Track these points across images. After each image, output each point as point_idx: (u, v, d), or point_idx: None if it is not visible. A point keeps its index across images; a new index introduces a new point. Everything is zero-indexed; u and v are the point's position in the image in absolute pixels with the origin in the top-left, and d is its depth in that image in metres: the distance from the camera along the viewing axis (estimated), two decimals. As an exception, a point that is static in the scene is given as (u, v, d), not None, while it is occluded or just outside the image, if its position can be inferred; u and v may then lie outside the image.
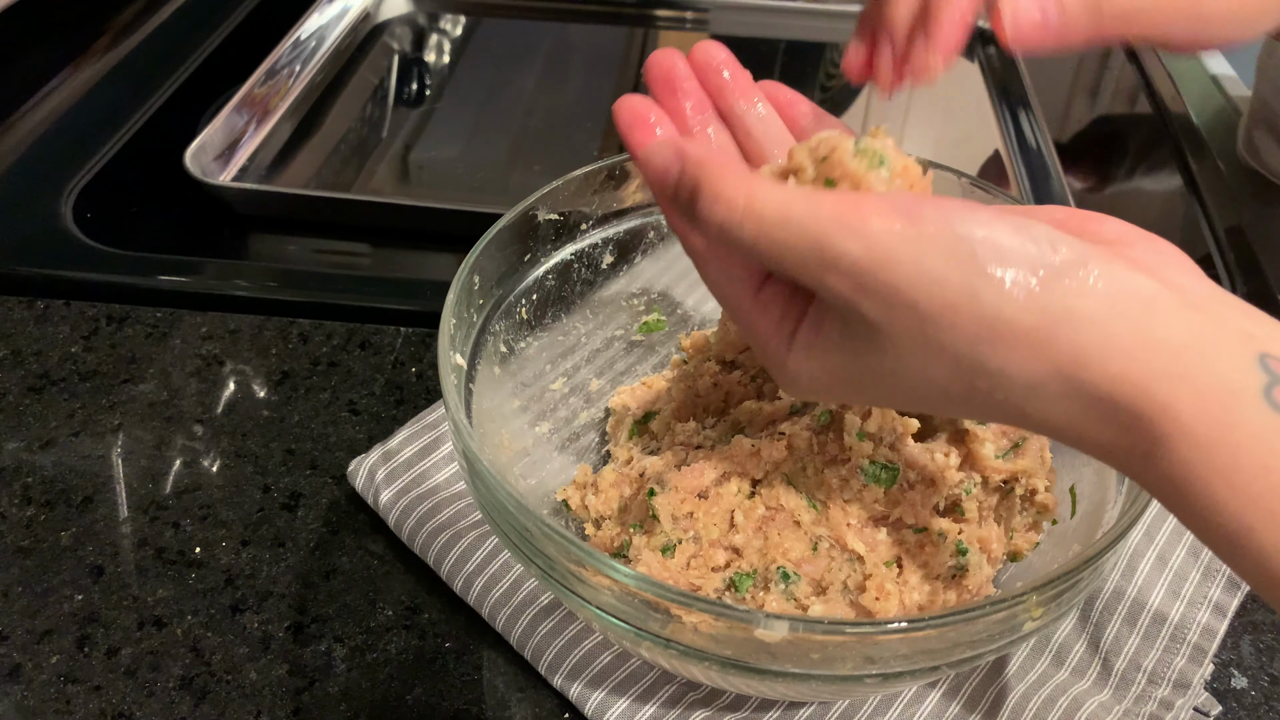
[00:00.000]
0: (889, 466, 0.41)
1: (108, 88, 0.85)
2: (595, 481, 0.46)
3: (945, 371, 0.29)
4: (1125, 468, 0.28)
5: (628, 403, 0.52)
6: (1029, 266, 0.27)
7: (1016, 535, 0.44)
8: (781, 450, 0.42)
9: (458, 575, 0.47)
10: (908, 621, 0.32)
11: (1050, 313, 0.27)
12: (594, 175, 0.49)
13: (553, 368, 0.51)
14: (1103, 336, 0.26)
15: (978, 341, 0.27)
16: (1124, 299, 0.27)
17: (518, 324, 0.49)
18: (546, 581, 0.37)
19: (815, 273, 0.28)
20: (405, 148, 0.87)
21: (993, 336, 0.27)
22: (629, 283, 0.54)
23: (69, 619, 0.47)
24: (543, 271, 0.50)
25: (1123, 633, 0.46)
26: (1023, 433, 0.43)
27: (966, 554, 0.41)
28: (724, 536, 0.42)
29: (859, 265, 0.27)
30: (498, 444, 0.46)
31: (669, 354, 0.55)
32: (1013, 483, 0.43)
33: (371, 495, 0.51)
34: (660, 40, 1.06)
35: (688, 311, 0.56)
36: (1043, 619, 0.35)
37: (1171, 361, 0.26)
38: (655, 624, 0.34)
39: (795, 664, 0.34)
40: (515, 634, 0.45)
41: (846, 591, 0.40)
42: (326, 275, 0.68)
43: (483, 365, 0.46)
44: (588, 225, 0.50)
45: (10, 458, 0.54)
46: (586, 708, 0.43)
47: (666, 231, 0.53)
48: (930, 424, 0.44)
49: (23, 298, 0.64)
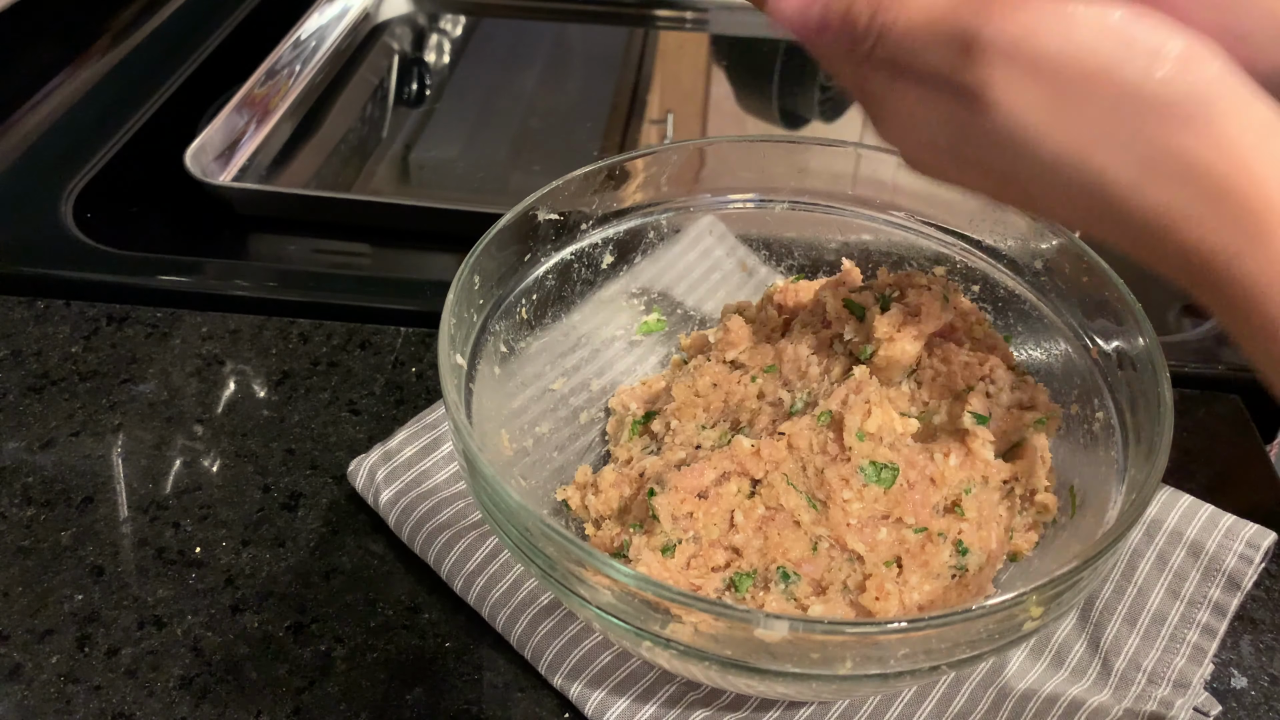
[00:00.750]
0: (889, 466, 0.41)
1: (108, 88, 0.85)
2: (595, 481, 0.46)
3: (1067, 140, 0.29)
4: (1202, 274, 0.29)
5: (628, 402, 0.52)
6: (1173, 46, 0.28)
7: (1016, 535, 0.44)
8: (782, 450, 0.42)
9: (458, 575, 0.47)
10: (907, 621, 0.32)
11: (1192, 94, 0.28)
12: (594, 175, 0.49)
13: (553, 368, 0.51)
14: (1238, 127, 0.28)
15: (1116, 109, 0.28)
16: (1257, 105, 0.28)
17: (518, 324, 0.49)
18: (546, 581, 0.37)
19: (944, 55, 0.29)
20: (405, 148, 0.87)
21: (1134, 106, 0.28)
22: (629, 282, 0.54)
23: (69, 619, 0.47)
24: (543, 271, 0.50)
25: (1123, 632, 0.46)
26: (1022, 433, 0.44)
27: (967, 554, 0.41)
28: (724, 536, 0.42)
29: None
30: (498, 444, 0.46)
31: (669, 354, 0.55)
32: (1012, 483, 0.43)
33: (371, 495, 0.51)
34: (660, 40, 1.06)
35: (688, 311, 0.56)
36: (1042, 619, 0.35)
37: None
38: (655, 624, 0.34)
39: (795, 664, 0.34)
40: (515, 634, 0.45)
41: (846, 591, 0.40)
42: (326, 275, 0.68)
43: (483, 365, 0.46)
44: (588, 225, 0.50)
45: (10, 458, 0.54)
46: (587, 708, 0.43)
47: (667, 231, 0.53)
48: (930, 425, 0.44)
49: (23, 298, 0.64)
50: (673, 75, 1.02)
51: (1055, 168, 0.30)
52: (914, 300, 0.44)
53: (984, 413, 0.43)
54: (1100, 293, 0.44)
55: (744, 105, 0.99)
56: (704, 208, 0.53)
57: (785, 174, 0.52)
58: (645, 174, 0.51)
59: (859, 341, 0.45)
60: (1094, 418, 0.44)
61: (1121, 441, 0.42)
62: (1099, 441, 0.43)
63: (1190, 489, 0.50)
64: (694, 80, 1.02)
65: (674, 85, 1.01)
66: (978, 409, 0.43)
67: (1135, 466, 0.39)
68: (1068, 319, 0.46)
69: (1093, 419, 0.44)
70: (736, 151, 0.52)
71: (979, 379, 0.44)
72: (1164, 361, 0.39)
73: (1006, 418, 0.44)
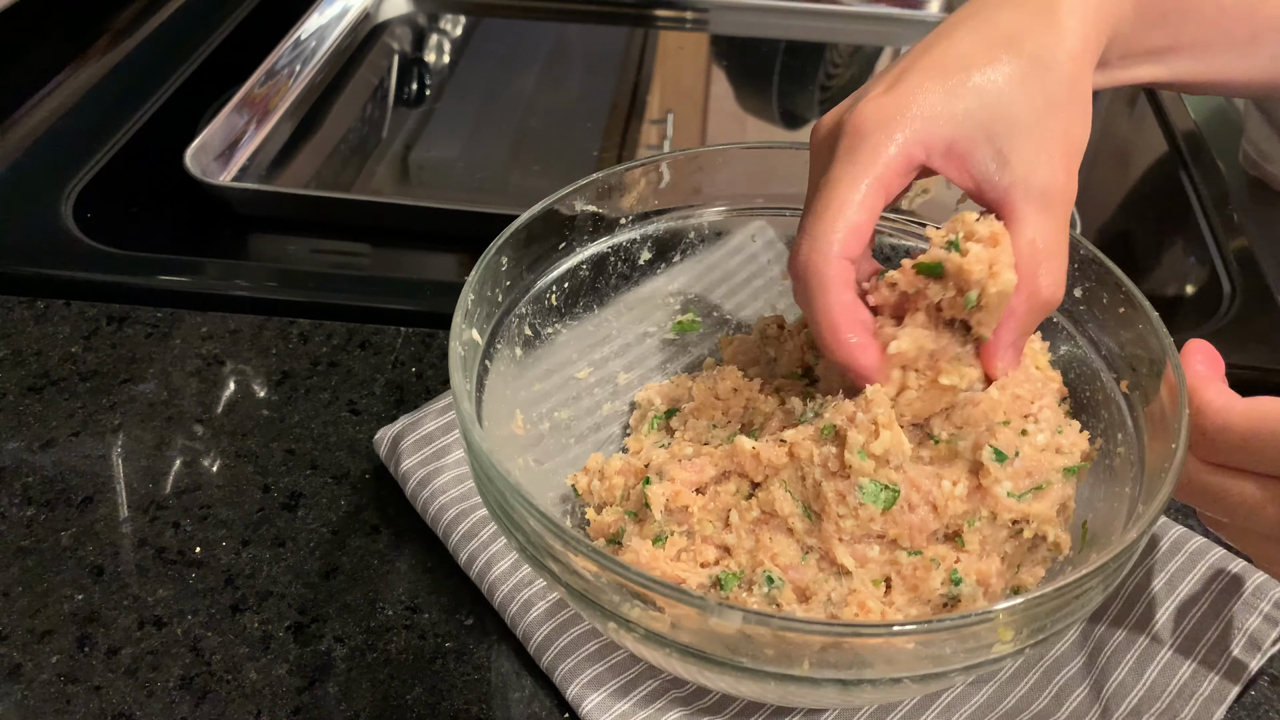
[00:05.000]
0: (890, 488, 0.39)
1: (108, 88, 0.85)
2: (603, 468, 0.47)
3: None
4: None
5: (653, 398, 0.51)
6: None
7: (1023, 570, 0.42)
8: (782, 456, 0.41)
9: (463, 549, 0.48)
10: (861, 625, 0.32)
11: None
12: (636, 171, 0.49)
13: (580, 357, 0.52)
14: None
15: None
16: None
17: (546, 310, 0.49)
18: (510, 539, 0.37)
19: None
20: (405, 148, 0.87)
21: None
22: (667, 281, 0.53)
23: (69, 619, 0.47)
24: (577, 261, 0.50)
25: (1128, 681, 0.44)
26: (1049, 476, 0.41)
27: (960, 584, 0.40)
28: (717, 534, 0.42)
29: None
30: (510, 423, 0.46)
31: (702, 355, 0.55)
32: (1023, 524, 0.41)
33: (393, 464, 0.52)
34: (660, 40, 1.06)
35: (724, 315, 0.55)
36: (1014, 643, 0.34)
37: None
38: (616, 603, 0.34)
39: (751, 660, 0.33)
40: (510, 613, 0.46)
41: (829, 604, 0.40)
42: (326, 275, 0.68)
43: (503, 345, 0.46)
44: (627, 220, 0.50)
45: (10, 458, 0.54)
46: (583, 707, 0.43)
47: (708, 233, 0.53)
48: (953, 449, 0.41)
49: (23, 298, 0.64)
50: (673, 75, 1.02)
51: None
52: (984, 230, 0.39)
53: (1008, 450, 0.40)
54: (1135, 325, 0.42)
55: (744, 105, 0.99)
56: (749, 213, 0.53)
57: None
58: (686, 174, 0.51)
59: (954, 296, 0.39)
60: (1115, 453, 0.43)
61: (1135, 479, 0.40)
62: (1117, 477, 0.42)
63: (1207, 532, 0.48)
64: (694, 80, 1.02)
65: (674, 85, 1.01)
66: (1001, 445, 0.40)
67: (1144, 504, 0.38)
68: (1103, 350, 0.45)
69: (1114, 454, 0.43)
70: (784, 158, 0.50)
71: (1023, 415, 0.41)
72: (1186, 401, 0.38)
73: (1037, 458, 0.41)
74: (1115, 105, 0.96)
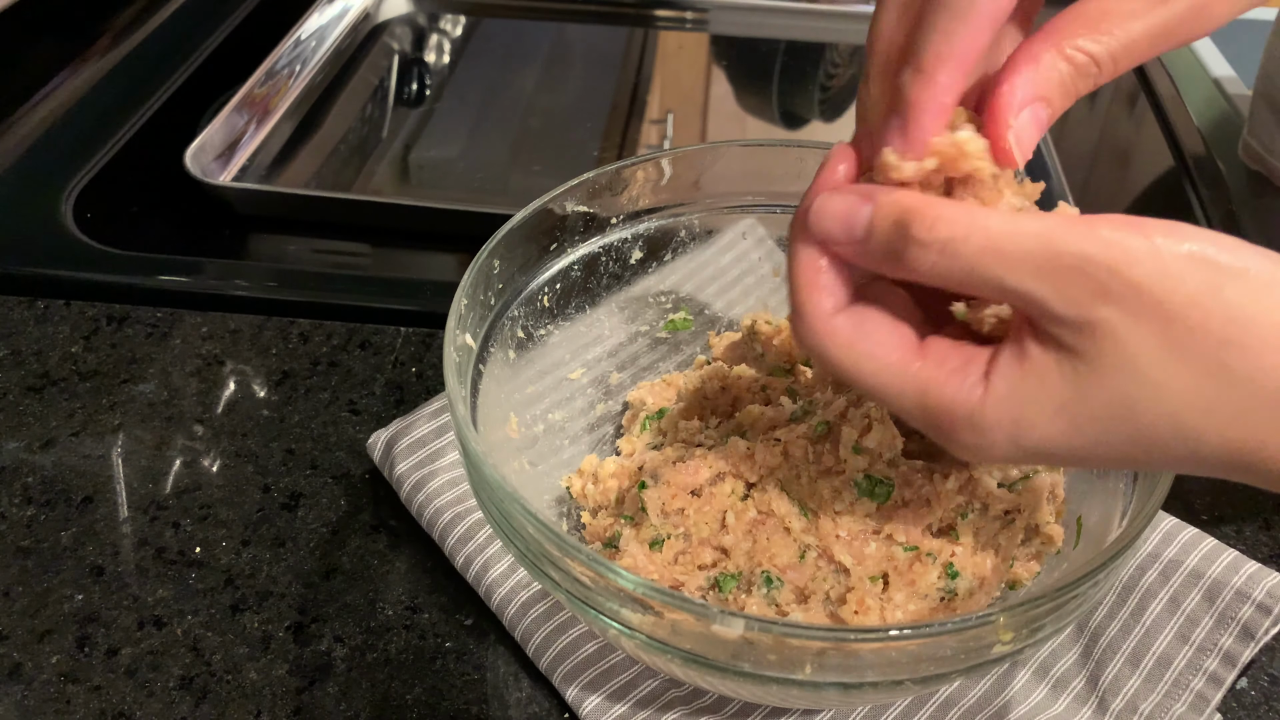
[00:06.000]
0: (883, 482, 0.40)
1: (108, 88, 0.85)
2: (596, 471, 0.47)
3: (1186, 385, 0.27)
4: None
5: (646, 398, 0.51)
6: (1263, 267, 0.26)
7: (1018, 564, 0.43)
8: (776, 456, 0.41)
9: (460, 553, 0.48)
10: (866, 631, 0.32)
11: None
12: (626, 170, 0.49)
13: (573, 357, 0.52)
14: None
15: (1226, 344, 0.26)
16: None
17: (538, 311, 0.49)
18: (509, 546, 0.37)
19: (1048, 281, 0.27)
20: (405, 148, 0.87)
21: (1242, 338, 0.26)
22: (658, 280, 0.53)
23: (69, 619, 0.47)
24: (568, 262, 0.49)
25: (1124, 673, 0.45)
26: (1037, 467, 0.42)
27: (957, 578, 0.40)
28: (714, 536, 0.42)
29: (1098, 263, 0.26)
30: (504, 426, 0.46)
31: (693, 353, 0.55)
32: (1014, 514, 0.41)
33: (387, 468, 0.52)
34: (660, 40, 1.06)
35: (716, 313, 0.55)
36: (1014, 644, 0.34)
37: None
38: (616, 609, 0.34)
39: (753, 665, 0.33)
40: (508, 615, 0.46)
41: (828, 603, 0.40)
42: (326, 275, 0.68)
43: (497, 349, 0.46)
44: (618, 220, 0.50)
45: (10, 458, 0.54)
46: (583, 708, 0.43)
47: (699, 231, 0.53)
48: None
49: (23, 298, 0.64)
50: (673, 75, 1.02)
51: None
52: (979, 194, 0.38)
53: None
54: None
55: (744, 105, 0.99)
56: (739, 210, 0.53)
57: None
58: (677, 172, 0.51)
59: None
60: None
61: (1128, 474, 0.40)
62: (1111, 472, 0.42)
63: (1201, 522, 0.49)
64: (694, 80, 1.02)
65: (674, 85, 1.01)
66: None
67: (1139, 499, 0.38)
68: None
69: None
70: (774, 156, 0.51)
71: None
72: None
73: None
74: (1115, 105, 0.96)
